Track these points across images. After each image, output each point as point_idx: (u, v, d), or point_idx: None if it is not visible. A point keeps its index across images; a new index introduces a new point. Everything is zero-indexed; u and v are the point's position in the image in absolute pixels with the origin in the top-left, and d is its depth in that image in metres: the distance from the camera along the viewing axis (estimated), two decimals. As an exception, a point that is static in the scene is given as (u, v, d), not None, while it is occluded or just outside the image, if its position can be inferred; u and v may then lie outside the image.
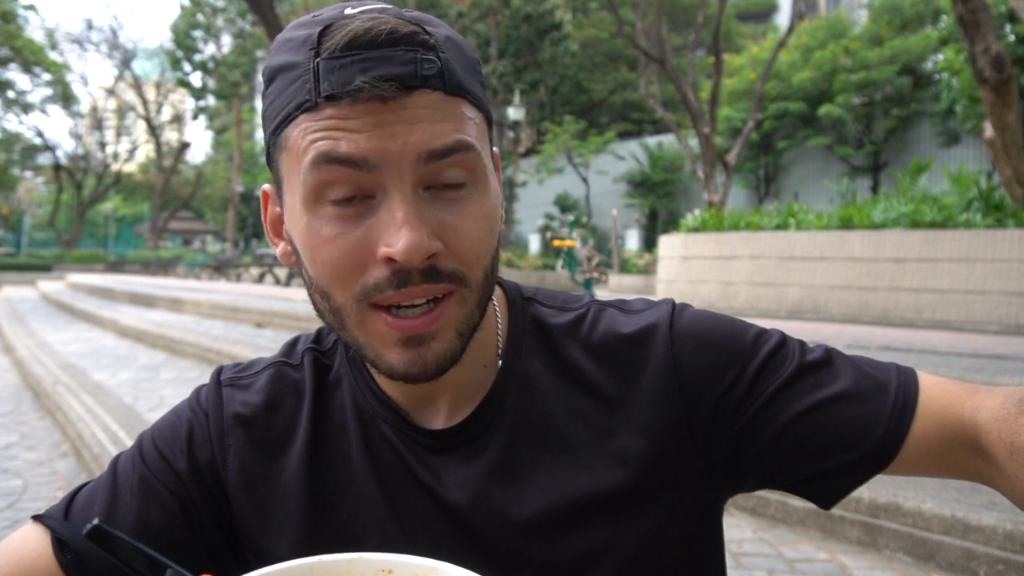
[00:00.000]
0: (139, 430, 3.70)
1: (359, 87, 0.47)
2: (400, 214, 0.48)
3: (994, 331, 5.71)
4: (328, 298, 0.53)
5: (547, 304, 0.66)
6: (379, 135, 0.48)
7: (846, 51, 20.60)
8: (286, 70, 0.51)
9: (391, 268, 0.49)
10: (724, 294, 7.62)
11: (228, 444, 0.63)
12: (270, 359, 0.68)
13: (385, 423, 0.61)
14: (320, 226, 0.50)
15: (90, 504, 0.60)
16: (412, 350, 0.52)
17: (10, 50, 30.14)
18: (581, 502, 0.58)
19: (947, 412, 0.56)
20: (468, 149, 0.51)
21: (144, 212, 45.05)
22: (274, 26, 10.46)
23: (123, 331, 8.11)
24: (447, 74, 0.50)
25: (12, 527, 2.79)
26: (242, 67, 30.47)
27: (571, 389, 0.61)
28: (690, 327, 0.62)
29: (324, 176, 0.49)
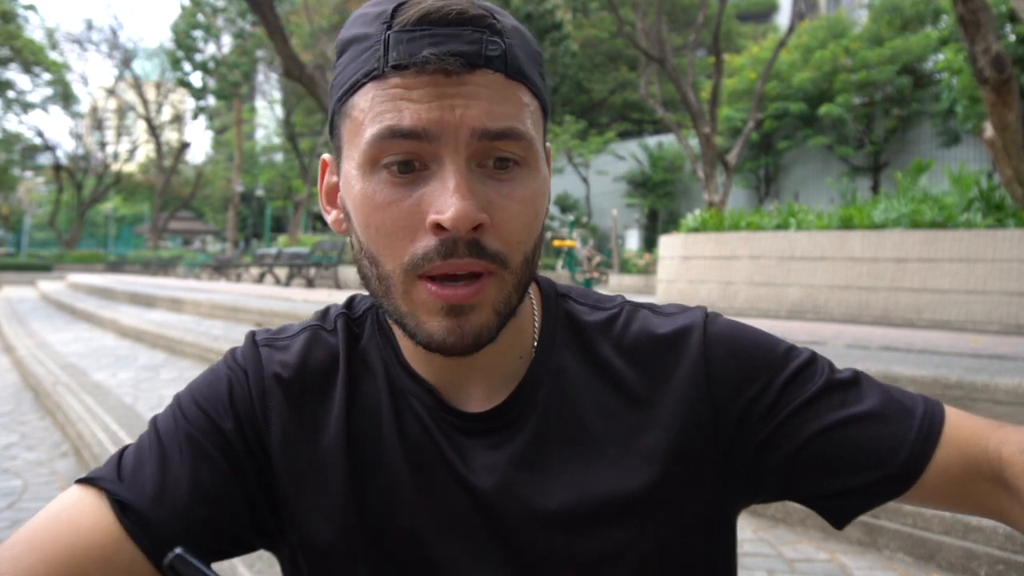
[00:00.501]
0: (139, 430, 3.69)
1: (426, 58, 0.50)
2: (452, 183, 0.50)
3: (994, 331, 5.71)
4: (377, 264, 0.54)
5: (580, 302, 0.67)
6: (439, 107, 0.50)
7: (846, 51, 20.59)
8: (357, 41, 0.54)
9: (439, 237, 0.51)
10: (724, 294, 7.62)
11: (269, 404, 0.62)
12: (304, 323, 0.68)
13: (416, 399, 0.62)
14: (375, 192, 0.52)
15: (140, 466, 0.58)
16: (452, 319, 0.53)
17: (10, 50, 30.14)
18: (606, 498, 0.59)
19: (971, 443, 0.57)
20: (520, 136, 0.53)
21: (144, 212, 45.05)
22: (274, 26, 10.46)
23: (123, 331, 8.11)
24: (509, 58, 0.53)
25: (12, 527, 2.79)
26: (242, 67, 30.46)
27: (602, 385, 0.62)
28: (724, 333, 0.63)
29: (385, 147, 0.51)
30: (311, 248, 15.37)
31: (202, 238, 43.03)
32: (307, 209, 32.74)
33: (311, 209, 35.94)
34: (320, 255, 14.63)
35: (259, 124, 43.56)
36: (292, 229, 25.12)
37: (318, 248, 15.01)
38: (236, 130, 32.00)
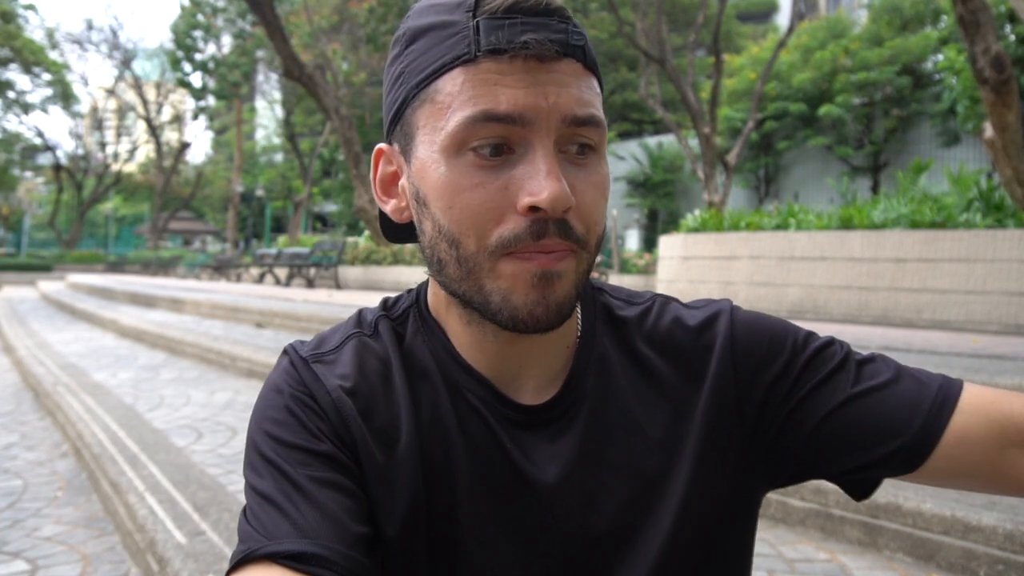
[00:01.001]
0: (139, 430, 3.70)
1: (526, 43, 0.51)
2: (543, 167, 0.52)
3: (994, 331, 5.71)
4: (458, 246, 0.54)
5: (615, 296, 0.69)
6: (533, 92, 0.52)
7: (846, 51, 20.59)
8: (436, 29, 0.55)
9: (531, 218, 0.52)
10: (724, 294, 7.60)
11: (345, 415, 0.59)
12: (342, 332, 0.66)
13: (472, 394, 0.62)
14: (461, 174, 0.53)
15: (276, 524, 0.51)
16: (540, 291, 0.54)
17: (10, 50, 30.13)
18: (653, 483, 0.61)
19: (995, 408, 0.57)
20: (599, 123, 0.55)
21: (144, 212, 45.04)
22: (274, 26, 10.46)
23: (123, 331, 8.11)
24: (588, 49, 0.56)
25: (12, 527, 2.79)
26: (242, 67, 30.45)
27: (638, 374, 0.64)
28: (748, 319, 0.66)
29: (477, 130, 0.52)
30: (311, 248, 15.37)
31: (202, 238, 43.03)
32: (307, 209, 32.72)
33: (311, 209, 35.94)
34: (320, 255, 14.63)
35: (259, 124, 43.56)
36: (292, 229, 25.12)
37: (318, 248, 15.01)
38: (236, 130, 32.00)
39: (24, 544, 2.63)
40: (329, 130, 22.74)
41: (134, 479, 2.86)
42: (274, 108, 38.31)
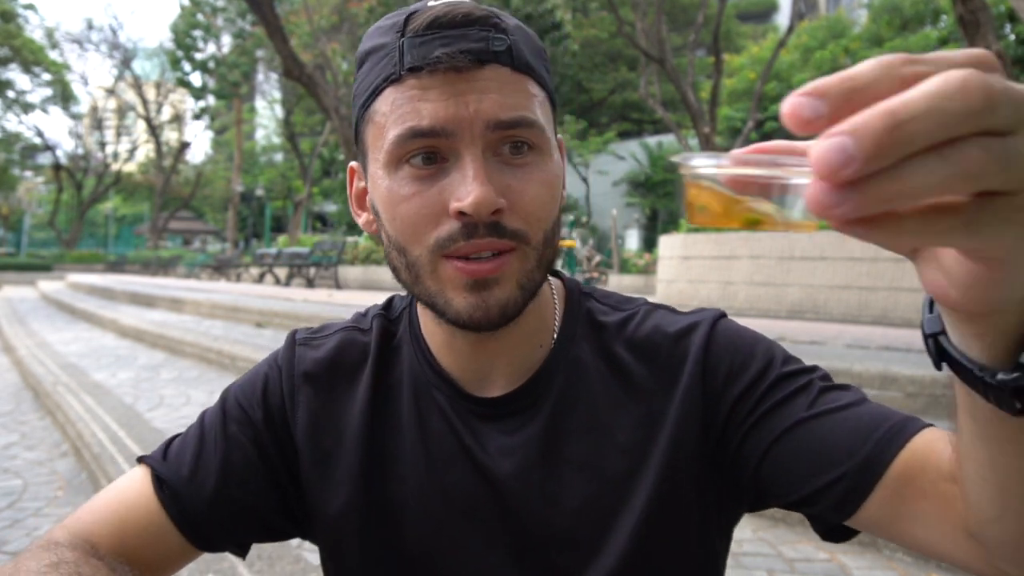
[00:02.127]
0: (139, 430, 3.70)
1: (438, 58, 0.54)
2: (470, 172, 0.54)
3: (994, 331, 5.71)
4: (405, 253, 0.58)
5: (602, 302, 0.70)
6: (454, 103, 0.54)
7: (846, 51, 20.60)
8: (375, 52, 0.58)
9: (461, 221, 0.54)
10: (724, 294, 7.62)
11: (298, 399, 0.68)
12: (343, 324, 0.74)
13: (438, 391, 0.66)
14: (400, 186, 0.56)
15: (182, 450, 0.68)
16: (477, 294, 0.56)
17: (10, 50, 30.13)
18: (613, 483, 0.62)
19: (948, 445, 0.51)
20: (531, 124, 0.56)
21: (144, 212, 45.05)
22: (274, 26, 10.47)
23: (123, 331, 8.11)
24: (515, 52, 0.56)
25: (12, 527, 2.79)
26: (242, 67, 30.45)
27: (613, 379, 0.65)
28: (728, 330, 0.65)
29: (407, 146, 0.55)
30: (311, 248, 15.37)
31: (202, 238, 43.02)
32: (307, 209, 32.73)
33: (311, 209, 35.94)
34: (320, 255, 14.62)
35: (259, 124, 43.56)
36: (292, 229, 25.12)
37: (318, 248, 15.00)
38: (236, 130, 32.00)
39: (24, 544, 2.63)
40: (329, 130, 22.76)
41: (134, 479, 2.85)
42: (274, 108, 38.31)
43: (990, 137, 0.24)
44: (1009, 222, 0.25)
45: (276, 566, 2.10)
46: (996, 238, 0.26)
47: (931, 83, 0.24)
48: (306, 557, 2.18)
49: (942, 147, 0.24)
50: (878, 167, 0.23)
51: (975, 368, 0.35)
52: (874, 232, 0.26)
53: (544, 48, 0.62)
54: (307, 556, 2.19)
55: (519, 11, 22.23)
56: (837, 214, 0.24)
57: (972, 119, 0.23)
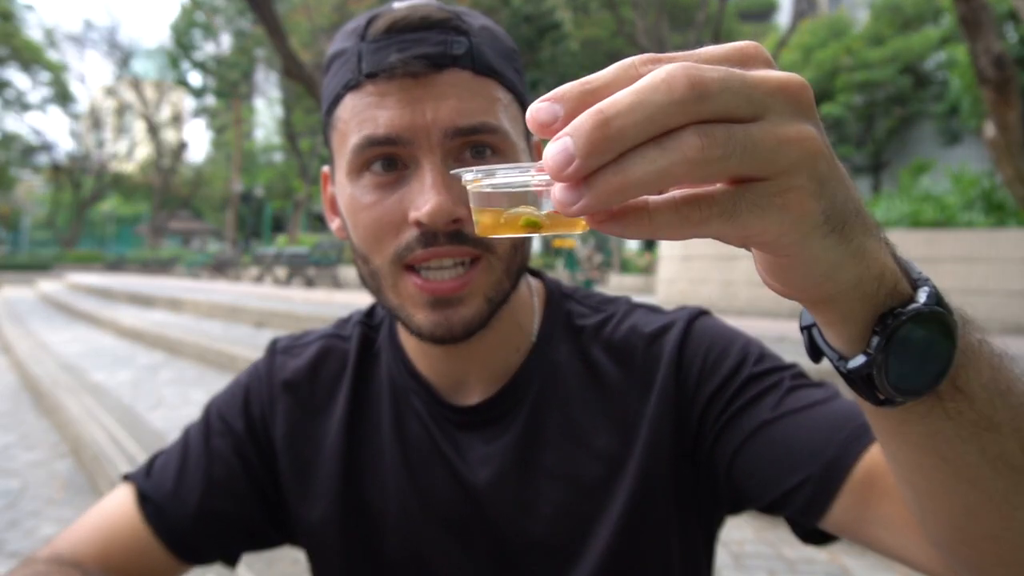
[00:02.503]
0: (138, 430, 3.69)
1: (393, 64, 0.52)
2: (428, 181, 0.53)
3: (996, 331, 5.65)
4: (367, 261, 0.57)
5: (582, 303, 0.69)
6: (411, 110, 0.53)
7: (847, 50, 20.60)
8: (338, 56, 0.57)
9: (420, 230, 0.52)
10: (725, 294, 7.62)
11: (277, 408, 0.69)
12: (324, 331, 0.73)
13: (416, 397, 0.65)
14: (361, 194, 0.55)
15: (166, 465, 0.68)
16: (440, 312, 0.55)
17: (8, 49, 30.13)
18: (590, 493, 0.61)
19: None
20: (493, 131, 0.54)
21: (143, 212, 45.02)
22: (274, 25, 10.45)
23: (122, 331, 8.10)
24: (476, 55, 0.54)
25: (12, 527, 2.78)
26: (241, 66, 30.45)
27: (590, 382, 0.64)
28: (705, 328, 0.63)
29: (366, 155, 0.54)
30: (310, 248, 15.36)
31: (201, 238, 43.01)
32: (306, 209, 32.73)
33: (310, 209, 35.93)
34: (319, 255, 14.61)
35: (259, 124, 43.55)
36: (291, 229, 25.12)
37: (317, 248, 15.00)
38: (235, 130, 31.99)
39: (23, 544, 2.62)
40: (329, 129, 22.73)
41: (133, 479, 2.85)
42: (274, 108, 38.30)
43: (716, 124, 0.24)
44: (766, 207, 0.26)
45: (275, 566, 2.09)
46: (756, 224, 0.26)
47: (641, 80, 0.25)
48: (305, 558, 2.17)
49: (662, 138, 0.24)
50: (599, 163, 0.24)
51: (834, 358, 0.34)
52: (626, 227, 0.26)
53: (515, 49, 0.60)
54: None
55: (519, 11, 22.23)
56: (576, 211, 0.25)
57: (681, 109, 0.24)
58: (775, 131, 0.25)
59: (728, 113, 0.25)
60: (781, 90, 0.26)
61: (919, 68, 20.14)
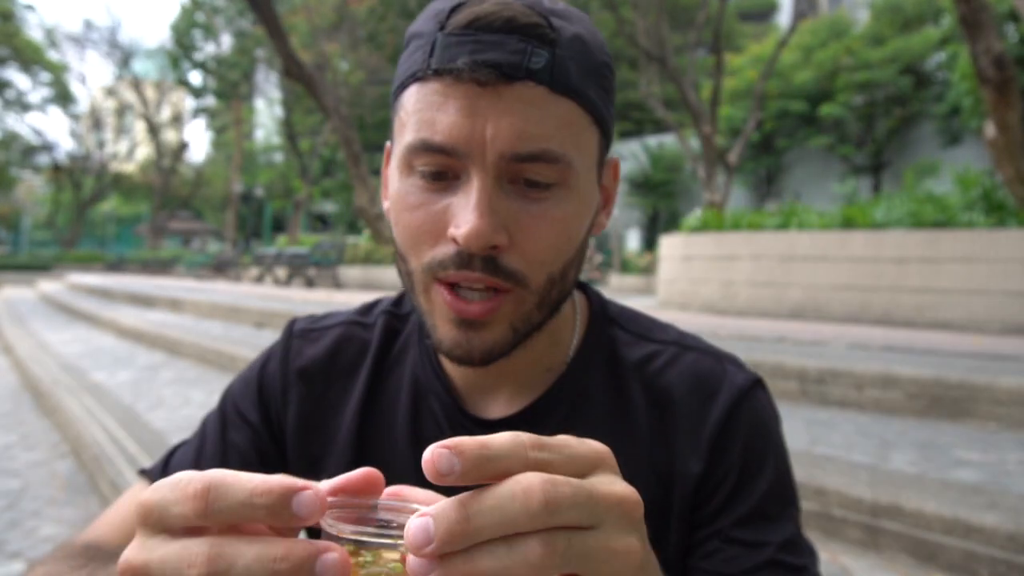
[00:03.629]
0: (138, 430, 3.69)
1: (460, 67, 0.48)
2: (473, 200, 0.49)
3: (996, 331, 5.70)
4: (405, 261, 0.55)
5: (628, 329, 0.65)
6: (471, 122, 0.49)
7: (847, 50, 20.59)
8: (416, 37, 0.53)
9: (456, 248, 0.51)
10: (725, 294, 7.62)
11: (290, 397, 0.66)
12: (346, 315, 0.71)
13: (437, 400, 0.62)
14: (407, 193, 0.53)
15: (182, 460, 0.67)
16: (463, 332, 0.53)
17: (9, 49, 30.13)
18: None
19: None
20: (555, 160, 0.50)
21: (143, 212, 45.03)
22: (274, 25, 10.45)
23: (122, 331, 8.10)
24: (556, 70, 0.50)
25: (12, 527, 2.78)
26: (242, 66, 30.45)
27: (620, 419, 0.61)
28: (753, 414, 0.60)
29: (419, 157, 0.51)
30: (311, 248, 15.36)
31: (201, 238, 43.01)
32: (306, 209, 32.71)
33: (310, 209, 35.92)
34: (320, 255, 14.62)
35: (259, 124, 43.55)
36: (291, 229, 25.11)
37: (317, 248, 15.00)
38: (235, 130, 32.00)
39: (23, 545, 2.62)
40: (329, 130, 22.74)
41: (133, 480, 2.85)
42: (274, 108, 38.30)
43: (559, 532, 0.28)
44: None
45: (276, 568, 2.09)
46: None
47: (505, 485, 0.28)
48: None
49: (512, 537, 0.28)
50: (452, 549, 0.27)
51: None
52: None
53: (607, 64, 0.55)
54: (307, 557, 2.19)
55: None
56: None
57: (532, 521, 0.28)
58: (608, 543, 0.29)
59: (571, 523, 0.29)
60: (619, 505, 0.31)
61: (919, 68, 20.12)
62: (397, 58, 0.58)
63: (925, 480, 2.54)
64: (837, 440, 3.05)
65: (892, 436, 3.13)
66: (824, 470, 2.64)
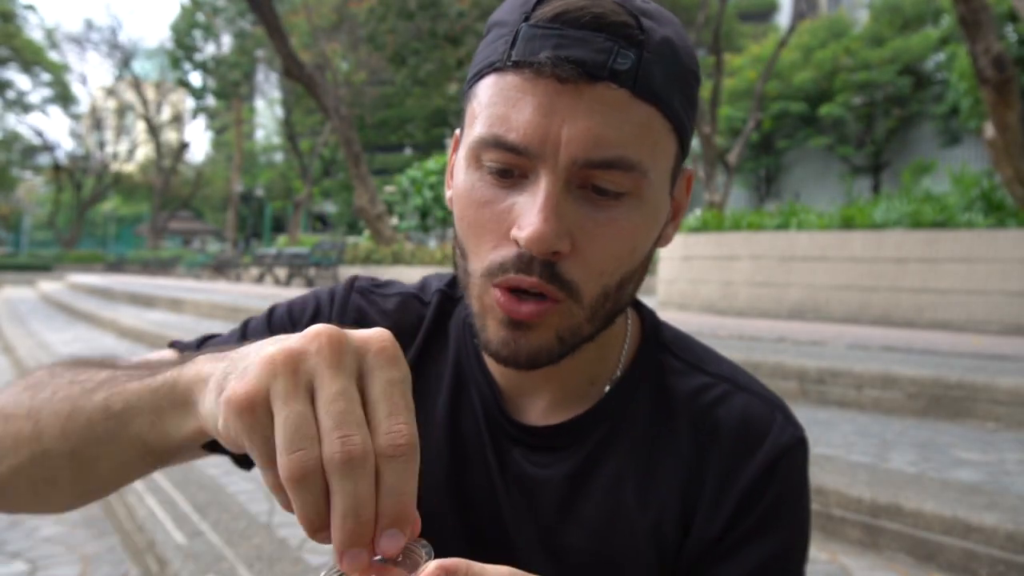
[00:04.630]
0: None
1: (542, 62, 0.47)
2: (540, 203, 0.48)
3: (995, 331, 5.71)
4: (465, 257, 0.54)
5: (680, 357, 0.63)
6: (547, 121, 0.47)
7: (847, 51, 20.60)
8: (498, 26, 0.52)
9: (517, 251, 0.49)
10: (725, 294, 7.62)
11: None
12: (405, 286, 0.68)
13: (477, 391, 0.62)
14: (474, 187, 0.52)
15: (219, 344, 0.63)
16: (510, 333, 0.52)
17: (9, 50, 30.14)
18: (609, 556, 0.58)
19: None
20: (630, 168, 0.49)
21: (143, 212, 45.04)
22: (274, 26, 10.46)
23: (123, 331, 8.10)
24: (641, 74, 0.48)
25: (12, 527, 2.79)
26: (242, 67, 30.46)
27: (659, 446, 0.60)
28: (789, 474, 0.58)
29: (488, 152, 0.50)
30: (311, 248, 15.37)
31: (202, 238, 43.02)
32: (307, 209, 32.72)
33: (311, 209, 35.93)
34: (320, 255, 14.63)
35: (259, 124, 43.56)
36: (292, 229, 25.12)
37: (318, 248, 15.01)
38: (236, 130, 32.00)
39: (24, 544, 2.63)
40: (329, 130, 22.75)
41: (134, 479, 2.85)
42: (274, 108, 38.31)
43: None
44: None
45: (276, 567, 2.09)
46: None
47: None
48: (306, 559, 2.17)
49: None
50: None
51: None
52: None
53: (694, 71, 0.53)
54: (307, 557, 2.19)
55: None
56: None
57: None
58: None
59: None
60: None
61: (919, 69, 20.13)
62: (397, 58, 0.58)
63: (924, 480, 2.55)
64: (837, 440, 3.06)
65: (891, 436, 3.13)
66: (824, 470, 2.64)
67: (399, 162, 32.05)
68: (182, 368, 0.43)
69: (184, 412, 0.42)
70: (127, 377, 0.47)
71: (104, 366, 0.51)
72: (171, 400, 0.43)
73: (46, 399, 0.49)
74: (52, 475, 0.49)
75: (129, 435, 0.45)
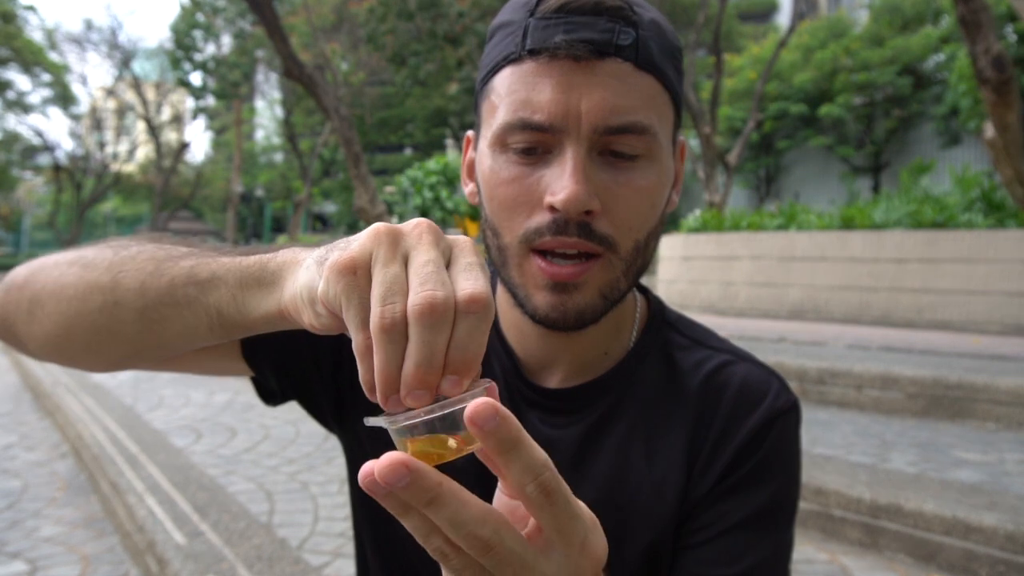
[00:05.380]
0: (139, 431, 3.69)
1: (557, 44, 0.53)
2: (569, 168, 0.53)
3: (995, 331, 5.70)
4: (498, 236, 0.58)
5: (684, 334, 0.69)
6: (567, 97, 0.53)
7: (847, 51, 20.59)
8: (504, 27, 0.58)
9: (552, 216, 0.54)
10: (725, 294, 7.62)
11: (344, 342, 0.70)
12: None
13: (497, 362, 0.67)
14: (501, 168, 0.56)
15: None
16: (557, 295, 0.56)
17: (10, 50, 30.15)
18: (624, 508, 0.62)
19: None
20: (643, 131, 0.55)
21: (143, 212, 45.03)
22: (274, 26, 10.46)
23: (123, 331, 8.10)
24: (641, 48, 0.55)
25: (12, 527, 2.79)
26: (242, 67, 30.45)
27: (669, 404, 0.64)
28: (781, 434, 0.63)
29: (515, 134, 0.55)
30: (311, 248, 15.35)
31: (202, 238, 42.94)
32: (307, 209, 32.70)
33: (311, 209, 35.92)
34: (320, 255, 14.60)
35: (259, 124, 43.54)
36: (292, 229, 25.10)
37: (318, 248, 14.98)
38: (236, 130, 31.99)
39: (24, 544, 2.63)
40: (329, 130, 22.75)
41: (133, 480, 2.86)
42: (274, 108, 38.29)
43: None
44: None
45: (276, 567, 2.09)
46: None
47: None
48: (306, 559, 2.17)
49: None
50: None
51: None
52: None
53: (679, 48, 0.60)
54: (307, 557, 2.19)
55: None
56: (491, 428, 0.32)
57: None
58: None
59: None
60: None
61: (919, 69, 20.12)
62: (397, 59, 0.60)
63: (924, 480, 2.55)
64: (837, 440, 3.06)
65: (891, 436, 3.13)
66: (824, 470, 2.64)
67: (399, 162, 32.06)
68: (274, 254, 0.47)
69: (268, 291, 0.46)
70: (216, 252, 0.51)
71: (186, 244, 0.55)
72: (259, 278, 0.46)
73: (129, 257, 0.53)
74: (116, 327, 0.52)
75: (206, 303, 0.48)
